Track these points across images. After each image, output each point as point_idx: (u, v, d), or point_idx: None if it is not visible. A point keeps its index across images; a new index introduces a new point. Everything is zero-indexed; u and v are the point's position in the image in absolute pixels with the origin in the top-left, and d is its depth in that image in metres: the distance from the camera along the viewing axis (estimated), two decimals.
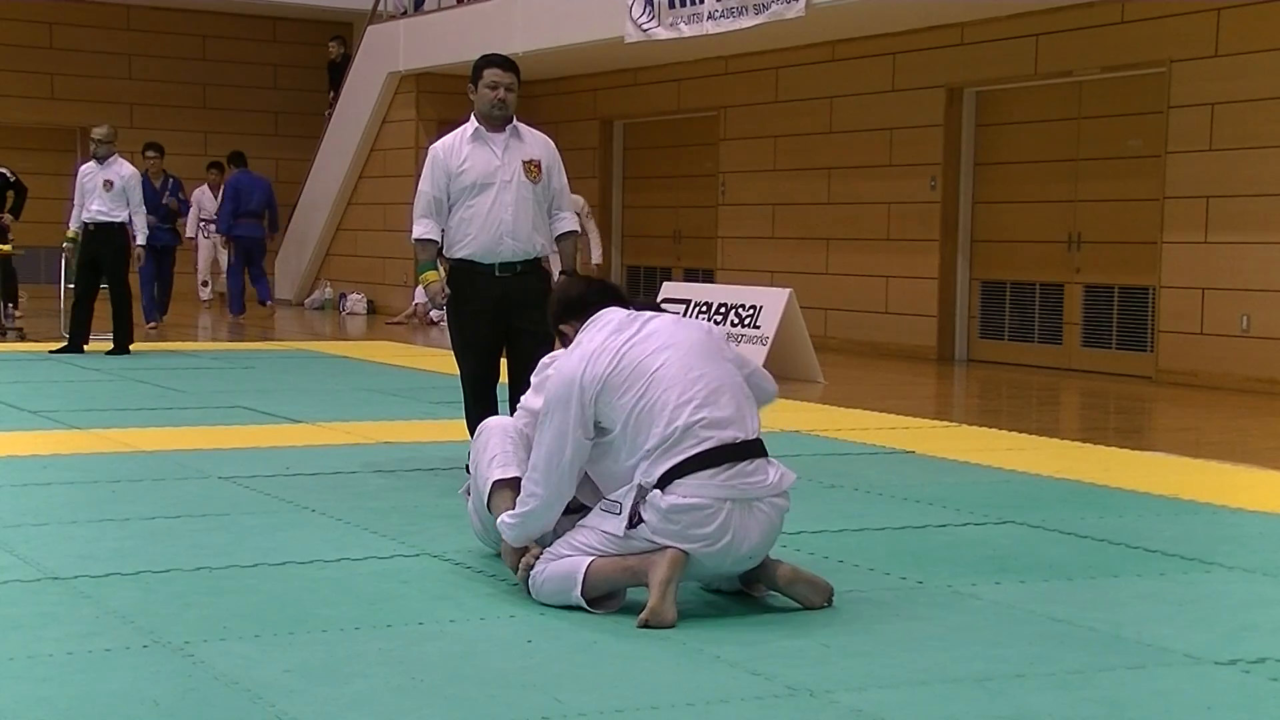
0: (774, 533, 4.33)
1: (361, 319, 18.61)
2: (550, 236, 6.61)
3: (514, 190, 6.42)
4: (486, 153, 6.44)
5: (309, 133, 21.43)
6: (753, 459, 4.29)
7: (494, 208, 6.41)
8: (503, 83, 6.39)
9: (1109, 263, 12.66)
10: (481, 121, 6.47)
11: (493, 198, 6.41)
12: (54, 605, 4.25)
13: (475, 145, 6.45)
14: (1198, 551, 5.29)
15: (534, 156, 6.49)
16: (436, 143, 6.58)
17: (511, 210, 6.42)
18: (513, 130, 6.49)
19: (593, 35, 15.48)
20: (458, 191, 6.44)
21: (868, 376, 12.22)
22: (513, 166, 6.43)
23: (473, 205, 6.42)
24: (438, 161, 6.47)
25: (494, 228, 6.41)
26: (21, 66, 20.91)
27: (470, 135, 6.47)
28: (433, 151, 6.53)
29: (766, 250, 15.55)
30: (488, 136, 6.45)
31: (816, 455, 7.48)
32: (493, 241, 6.41)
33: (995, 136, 13.71)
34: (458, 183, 6.43)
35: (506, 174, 6.42)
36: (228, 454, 7.07)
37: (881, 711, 3.43)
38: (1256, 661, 3.90)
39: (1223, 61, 11.49)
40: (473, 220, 6.42)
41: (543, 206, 6.54)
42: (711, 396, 4.30)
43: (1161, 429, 9.77)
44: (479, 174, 6.41)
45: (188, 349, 13.23)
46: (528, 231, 6.45)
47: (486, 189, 6.41)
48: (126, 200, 12.23)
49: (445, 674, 3.64)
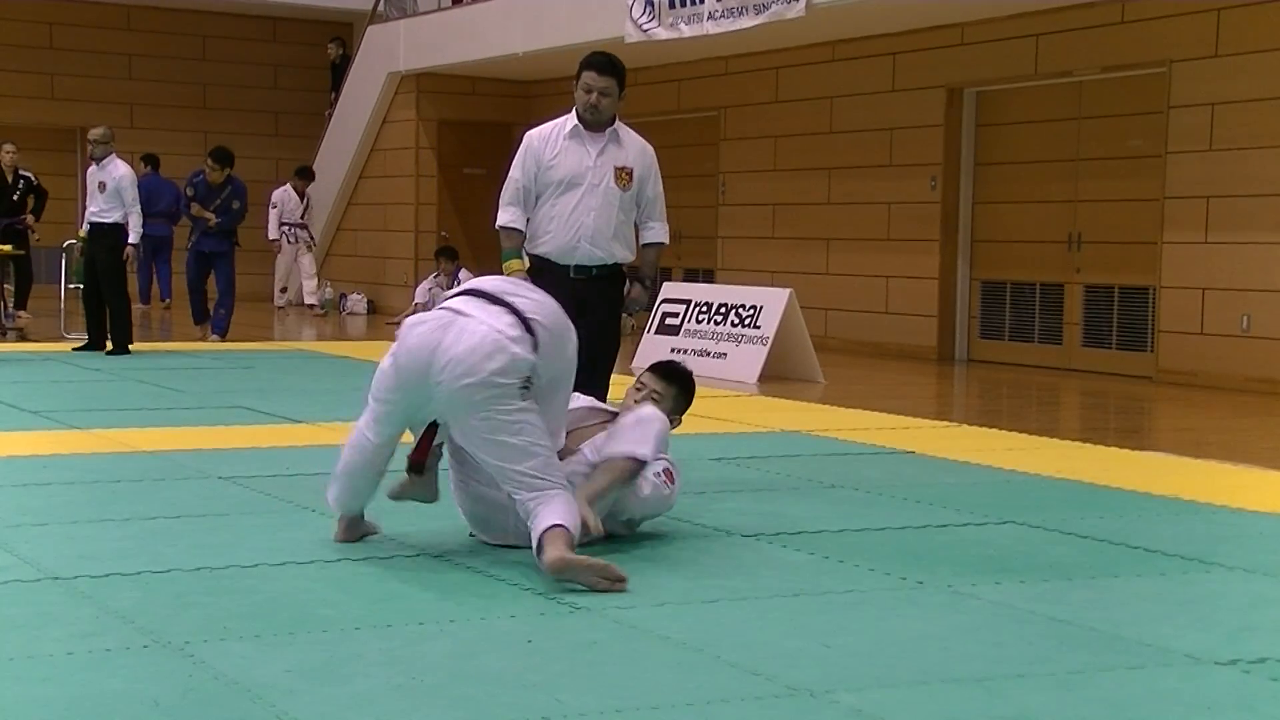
0: (480, 352, 4.58)
1: (361, 319, 18.61)
2: (634, 248, 6.52)
3: (601, 194, 6.32)
4: (581, 152, 6.32)
5: (309, 133, 21.44)
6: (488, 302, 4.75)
7: (577, 209, 6.31)
8: (597, 87, 6.26)
9: (1109, 263, 12.66)
10: (579, 119, 6.35)
11: (578, 199, 6.31)
12: (54, 605, 4.25)
13: (571, 142, 6.34)
14: (1198, 551, 5.29)
15: (627, 164, 6.37)
16: (532, 130, 6.48)
17: (594, 214, 6.31)
18: (613, 133, 6.37)
19: (593, 35, 15.46)
20: (545, 185, 6.34)
21: (868, 376, 12.22)
22: (604, 170, 6.32)
23: (557, 203, 6.33)
24: (531, 149, 6.38)
25: (574, 230, 6.32)
26: (21, 66, 20.91)
27: (569, 131, 6.36)
28: (527, 138, 6.43)
29: (766, 250, 15.55)
30: (585, 136, 6.33)
31: (816, 455, 7.48)
32: (570, 243, 6.33)
33: (995, 136, 13.71)
34: (546, 176, 6.33)
35: (596, 177, 6.31)
36: (228, 454, 7.07)
37: (881, 711, 3.43)
38: (1256, 661, 3.90)
39: (1223, 61, 11.49)
40: (555, 218, 6.34)
41: (630, 214, 6.43)
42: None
43: (1161, 429, 9.77)
44: (568, 172, 6.31)
45: (188, 349, 13.23)
46: (607, 238, 6.35)
47: (574, 188, 6.32)
48: (121, 201, 12.23)
49: (445, 674, 3.64)
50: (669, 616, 4.23)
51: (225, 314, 14.30)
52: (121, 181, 12.22)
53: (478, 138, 19.30)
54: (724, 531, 5.45)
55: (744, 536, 5.38)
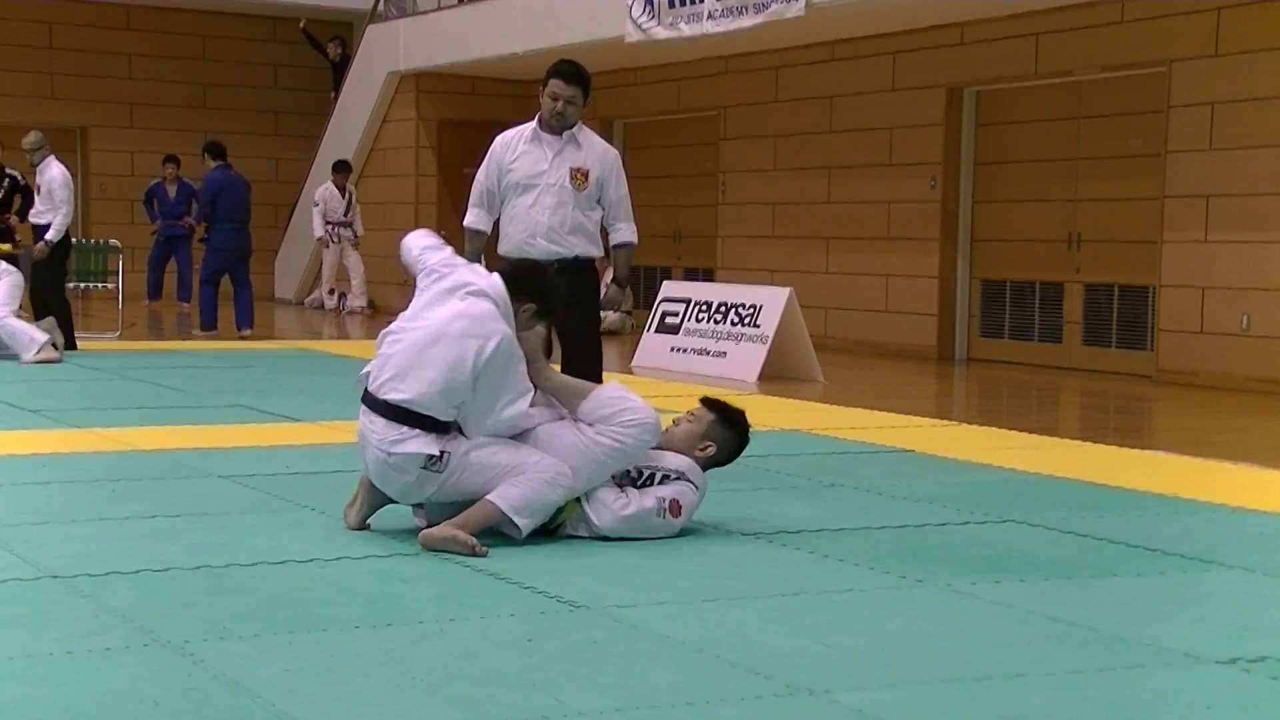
0: (379, 475, 5.09)
1: (361, 318, 18.60)
2: (598, 243, 6.80)
3: (555, 194, 6.62)
4: (538, 154, 6.66)
5: (309, 133, 21.43)
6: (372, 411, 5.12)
7: (533, 208, 6.65)
8: (563, 95, 6.58)
9: (1109, 262, 12.66)
10: (541, 124, 6.67)
11: (534, 198, 6.64)
12: (54, 604, 4.25)
13: (530, 145, 6.68)
14: (1198, 551, 5.29)
15: (584, 165, 6.68)
16: (500, 134, 6.81)
17: (548, 212, 6.63)
18: (571, 137, 6.67)
19: (593, 35, 15.48)
20: (506, 188, 6.70)
21: (868, 376, 12.21)
22: (560, 171, 6.63)
23: (517, 203, 6.67)
24: (494, 154, 6.74)
25: (528, 227, 6.65)
26: (21, 66, 20.91)
27: (529, 135, 6.69)
28: (494, 143, 6.78)
29: (766, 250, 15.55)
30: (544, 139, 6.65)
31: (816, 455, 7.48)
32: (524, 240, 6.66)
33: (995, 136, 13.71)
34: (505, 179, 6.69)
35: (552, 177, 6.63)
36: (228, 453, 7.07)
37: (881, 711, 3.43)
38: (1256, 661, 3.90)
39: (1223, 61, 11.49)
40: (514, 219, 6.69)
41: (591, 213, 6.73)
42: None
43: (1161, 429, 9.77)
44: (523, 174, 6.66)
45: (188, 349, 13.24)
46: (563, 234, 6.66)
47: (530, 189, 6.65)
48: (53, 201, 12.48)
49: (445, 674, 3.64)
50: (669, 616, 4.23)
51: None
52: (53, 183, 12.51)
53: (478, 137, 19.13)
54: (724, 531, 5.45)
55: (744, 536, 5.38)
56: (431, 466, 5.03)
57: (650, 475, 5.24)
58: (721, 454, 5.45)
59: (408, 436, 5.02)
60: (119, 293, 14.91)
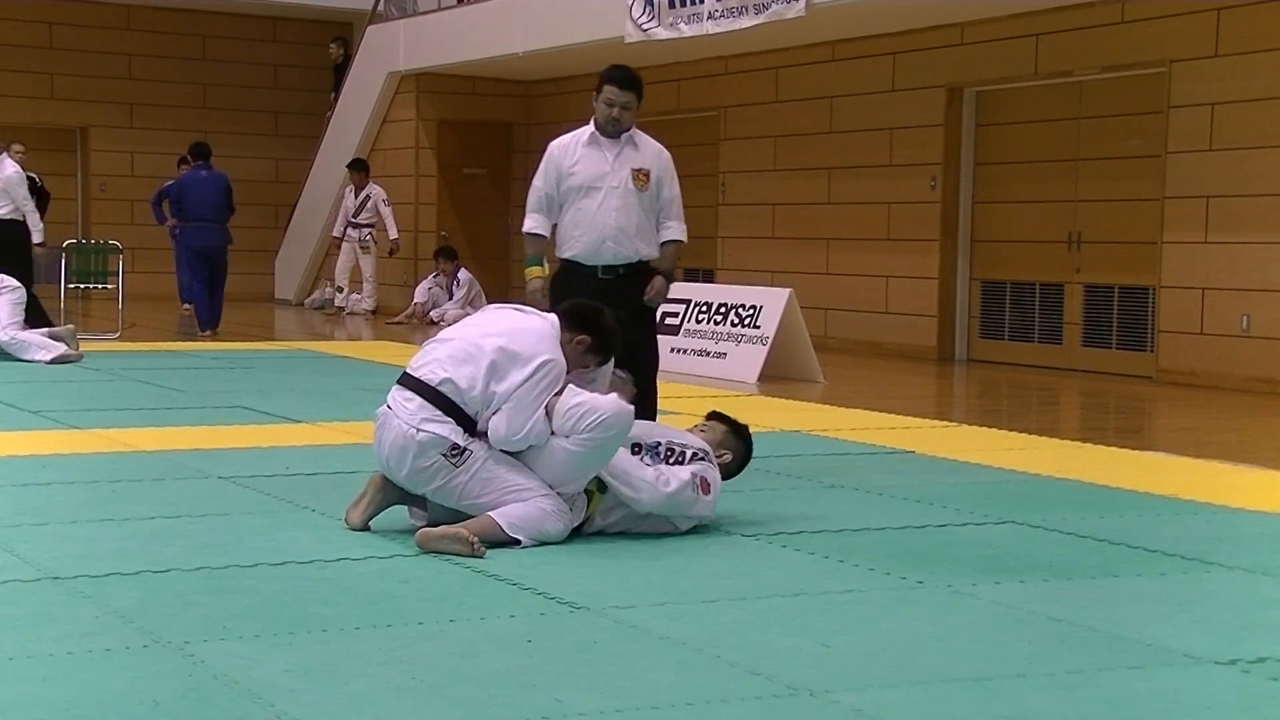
0: (398, 450, 5.10)
1: (361, 318, 18.59)
2: (654, 242, 6.84)
3: (620, 196, 6.67)
4: (598, 157, 6.70)
5: (309, 133, 21.43)
6: (407, 389, 5.18)
7: (600, 211, 6.67)
8: (619, 101, 6.64)
9: (1109, 263, 12.66)
10: (598, 128, 6.72)
11: (599, 201, 6.67)
12: (54, 605, 4.25)
13: (589, 149, 6.72)
14: (1198, 551, 5.29)
15: (644, 165, 6.74)
16: (555, 140, 6.85)
17: (616, 214, 6.67)
18: (628, 139, 6.74)
19: (593, 35, 15.48)
20: (566, 192, 6.71)
21: (868, 376, 12.21)
22: (621, 173, 6.68)
23: (580, 207, 6.69)
24: (552, 159, 6.76)
25: (598, 230, 6.67)
26: (21, 66, 20.91)
27: (586, 139, 6.74)
28: (549, 149, 6.81)
29: (766, 250, 15.55)
30: (602, 142, 6.71)
31: (816, 455, 7.49)
32: (596, 243, 6.68)
33: (995, 136, 13.71)
34: (566, 183, 6.71)
35: (615, 180, 6.67)
36: (228, 454, 7.07)
37: (881, 711, 3.43)
38: (1256, 661, 3.90)
39: (1223, 61, 11.49)
40: (579, 222, 6.70)
41: (650, 214, 6.78)
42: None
43: (1161, 429, 9.77)
44: (587, 177, 6.68)
45: (188, 349, 13.23)
46: (630, 236, 6.71)
47: (594, 192, 6.68)
48: (11, 198, 12.91)
49: (445, 674, 3.64)
50: (669, 616, 4.23)
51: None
52: (10, 182, 12.69)
53: (478, 138, 19.30)
54: (724, 531, 5.45)
55: (744, 536, 5.38)
56: (452, 456, 5.09)
57: (680, 453, 5.39)
58: (735, 464, 5.70)
59: (440, 419, 5.10)
60: (119, 293, 14.91)
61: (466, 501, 5.14)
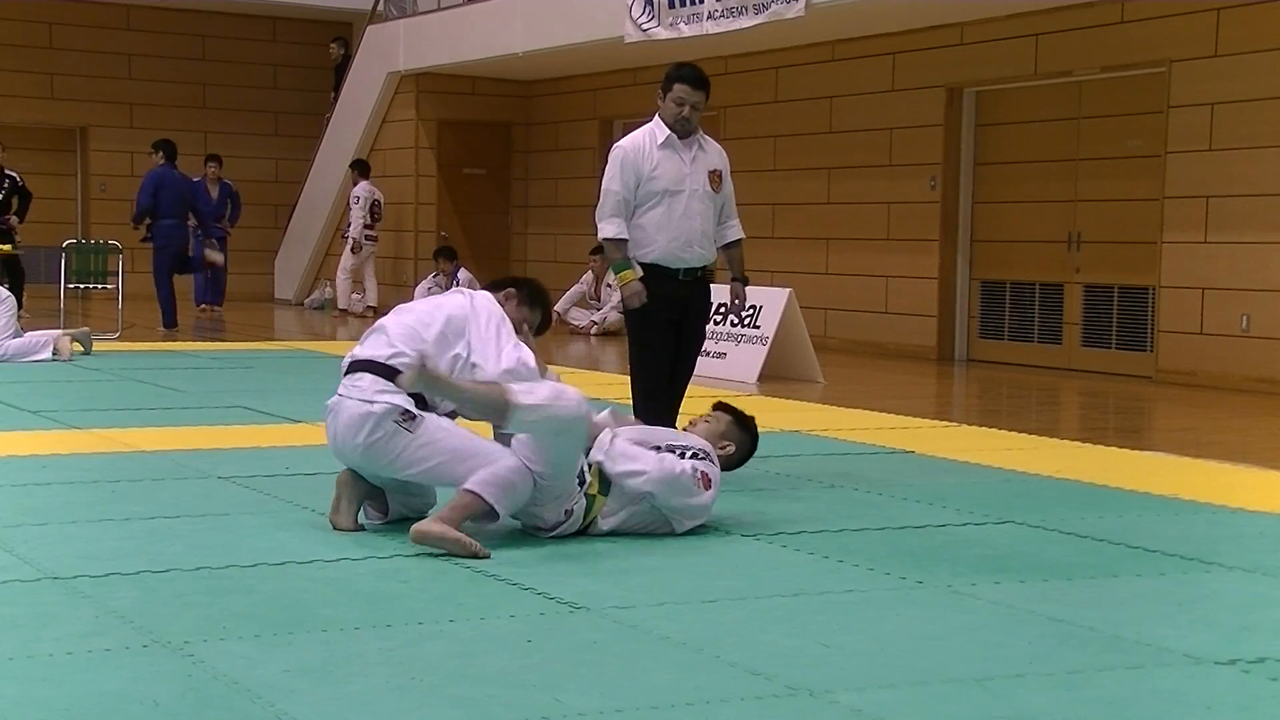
0: (353, 426, 5.18)
1: (360, 318, 18.58)
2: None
3: (700, 199, 6.62)
4: (677, 160, 6.60)
5: (309, 133, 21.43)
6: (356, 371, 5.33)
7: (685, 215, 6.58)
8: (690, 100, 6.54)
9: (1109, 263, 12.66)
10: (670, 128, 6.61)
11: (683, 205, 6.58)
12: (54, 605, 4.25)
13: (666, 152, 6.59)
14: (1198, 551, 5.29)
15: (716, 167, 6.70)
16: (623, 142, 6.68)
17: (699, 218, 6.62)
18: (696, 140, 6.67)
19: (593, 35, 15.48)
20: (645, 195, 6.57)
21: (868, 376, 12.21)
22: (700, 176, 6.63)
23: (662, 211, 6.57)
24: (628, 163, 6.57)
25: (684, 234, 6.59)
26: (21, 66, 20.91)
27: (662, 141, 6.59)
28: (621, 152, 6.60)
29: (766, 250, 15.54)
30: (676, 144, 6.60)
31: (816, 455, 7.49)
32: (682, 247, 6.60)
33: (995, 136, 13.71)
34: (647, 187, 6.57)
35: (694, 183, 6.61)
36: (228, 454, 7.07)
37: (881, 711, 3.43)
38: (1256, 661, 3.90)
39: (1223, 61, 11.49)
40: (662, 226, 6.58)
41: (717, 215, 6.75)
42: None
43: (1161, 429, 9.77)
44: (670, 181, 6.57)
45: (188, 349, 13.23)
46: (710, 239, 6.71)
47: (676, 195, 6.57)
48: None
49: (445, 674, 3.64)
50: (669, 616, 4.23)
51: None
52: None
53: (478, 138, 19.30)
54: (724, 531, 5.45)
55: (744, 536, 5.38)
56: (404, 422, 5.16)
57: (682, 452, 5.39)
58: (738, 455, 5.73)
59: (394, 390, 5.19)
60: (119, 293, 14.91)
61: (420, 469, 5.17)
